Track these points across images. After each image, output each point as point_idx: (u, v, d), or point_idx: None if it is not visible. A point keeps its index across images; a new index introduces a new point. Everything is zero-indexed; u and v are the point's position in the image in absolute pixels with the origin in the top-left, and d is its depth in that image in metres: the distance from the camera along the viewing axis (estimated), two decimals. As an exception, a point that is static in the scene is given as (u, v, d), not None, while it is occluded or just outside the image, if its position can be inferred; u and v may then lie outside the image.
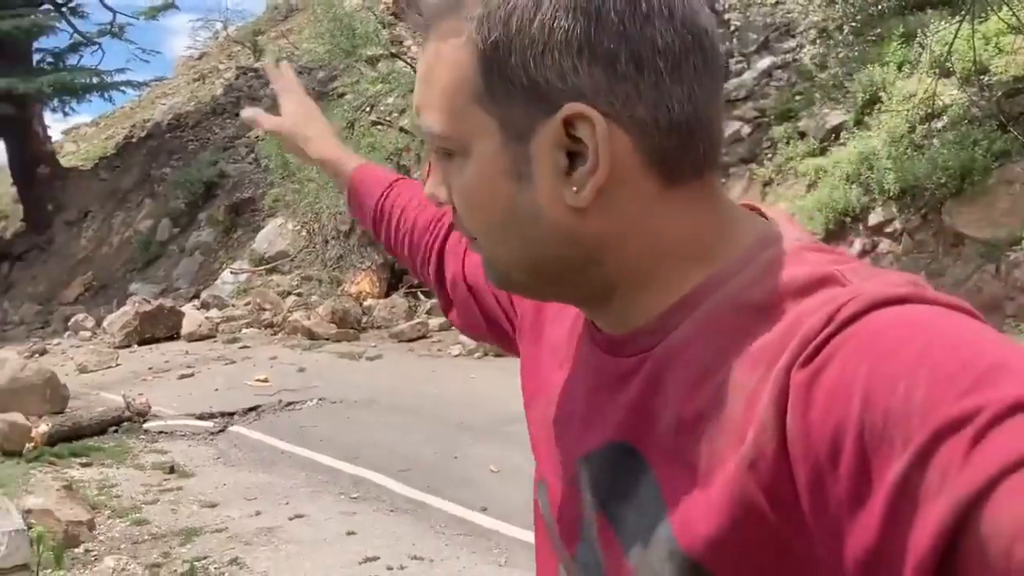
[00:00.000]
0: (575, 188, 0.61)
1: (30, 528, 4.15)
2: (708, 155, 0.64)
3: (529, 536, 4.80)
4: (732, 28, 10.20)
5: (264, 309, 14.07)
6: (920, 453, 0.47)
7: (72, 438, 7.46)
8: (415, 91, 0.67)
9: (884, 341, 0.52)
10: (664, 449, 0.62)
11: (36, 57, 23.97)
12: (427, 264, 1.11)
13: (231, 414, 8.42)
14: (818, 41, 8.29)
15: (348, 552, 4.64)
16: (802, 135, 10.20)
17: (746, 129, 11.23)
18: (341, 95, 16.80)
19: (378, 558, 4.51)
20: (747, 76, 11.63)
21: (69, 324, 16.41)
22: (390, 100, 16.31)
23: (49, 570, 4.34)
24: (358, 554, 4.59)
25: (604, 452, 0.68)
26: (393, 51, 16.55)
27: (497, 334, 1.01)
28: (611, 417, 0.67)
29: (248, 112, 1.34)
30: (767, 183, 10.30)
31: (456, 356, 10.12)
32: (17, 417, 7.13)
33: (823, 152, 9.70)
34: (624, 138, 0.61)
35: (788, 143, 10.22)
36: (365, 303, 12.81)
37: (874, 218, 8.57)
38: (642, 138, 0.61)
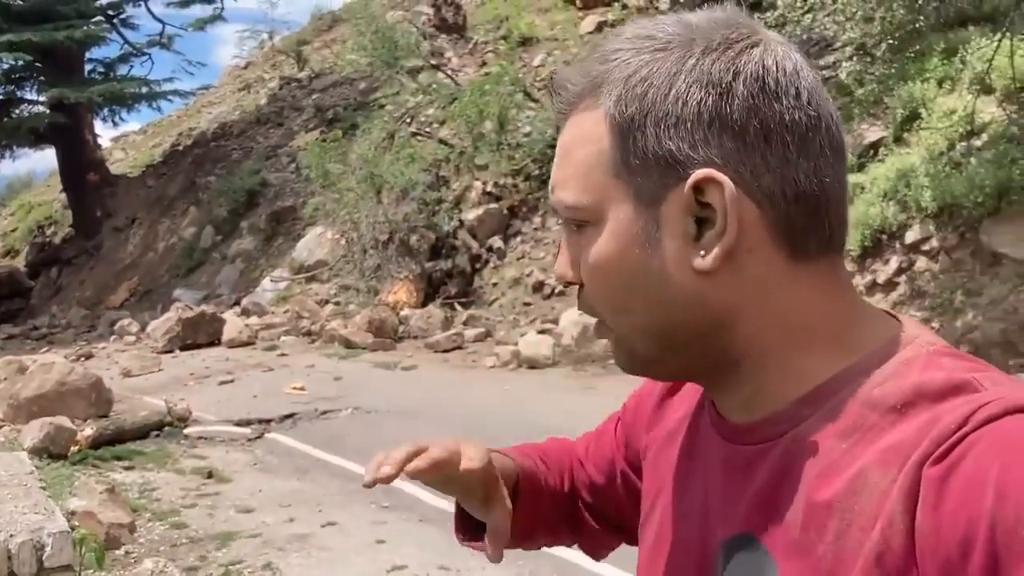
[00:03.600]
0: (703, 252, 0.64)
1: (73, 530, 4.30)
2: (835, 233, 0.66)
3: (553, 550, 4.88)
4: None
5: (303, 317, 14.28)
6: None
7: (115, 442, 7.68)
8: (553, 172, 0.71)
9: (1019, 442, 0.53)
10: (789, 543, 0.62)
11: (88, 67, 24.61)
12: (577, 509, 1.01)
13: (268, 421, 8.59)
14: (855, 58, 8.26)
15: (377, 560, 4.75)
16: (840, 151, 10.15)
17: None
18: (382, 106, 17.05)
19: (406, 566, 4.61)
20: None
21: (115, 328, 16.80)
22: (430, 111, 16.50)
23: (91, 571, 4.50)
24: (387, 562, 4.69)
25: (731, 545, 0.68)
26: (434, 62, 16.76)
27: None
28: (738, 507, 0.68)
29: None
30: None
31: (491, 367, 10.21)
32: (63, 421, 7.34)
33: (861, 168, 9.65)
34: (751, 206, 0.63)
35: (825, 159, 10.18)
36: (401, 313, 12.96)
37: (911, 236, 8.52)
38: (770, 208, 0.64)
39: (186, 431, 8.33)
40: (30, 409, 8.07)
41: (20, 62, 22.10)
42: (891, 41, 8.04)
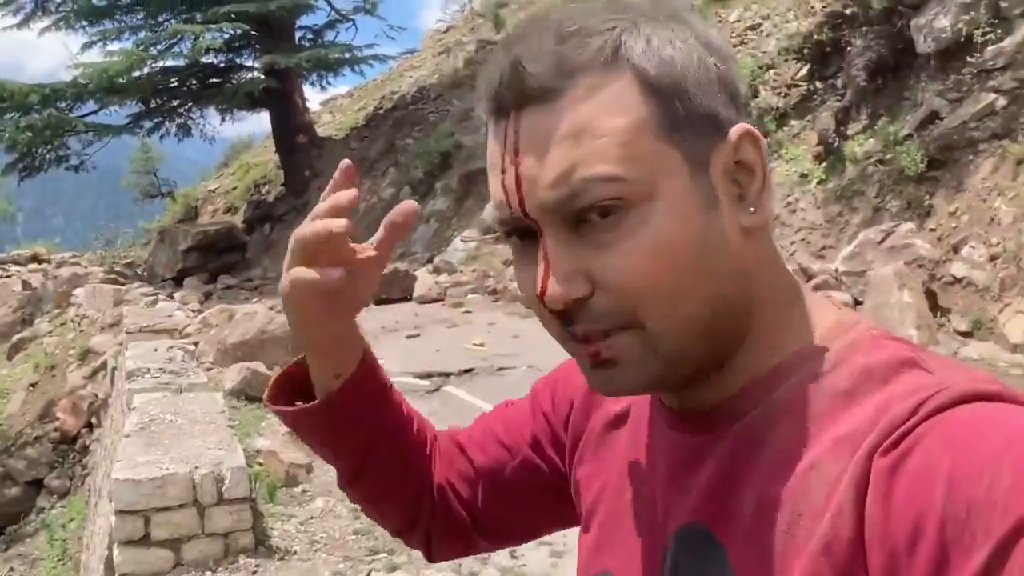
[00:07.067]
0: (751, 208, 0.64)
1: (252, 467, 4.65)
2: None
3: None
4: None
5: (488, 276, 14.62)
6: (1001, 546, 0.47)
7: (305, 387, 8.20)
8: (550, 159, 0.61)
9: (969, 433, 0.52)
10: (742, 532, 0.62)
11: (298, 34, 26.00)
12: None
13: (447, 375, 8.89)
14: None
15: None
16: (1067, 108, 9.18)
17: (1001, 101, 10.24)
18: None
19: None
20: (1007, 42, 10.58)
21: (317, 282, 17.87)
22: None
23: (267, 504, 4.85)
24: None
25: (681, 535, 0.67)
26: (626, 22, 16.50)
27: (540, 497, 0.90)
28: (688, 497, 0.67)
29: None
30: (1021, 161, 9.37)
31: (668, 332, 10.07)
32: (259, 366, 7.93)
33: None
34: None
35: (1050, 117, 9.24)
36: (583, 275, 12.99)
37: None
38: None
39: (370, 381, 8.76)
40: (234, 354, 8.77)
41: (238, 31, 23.70)
42: None
